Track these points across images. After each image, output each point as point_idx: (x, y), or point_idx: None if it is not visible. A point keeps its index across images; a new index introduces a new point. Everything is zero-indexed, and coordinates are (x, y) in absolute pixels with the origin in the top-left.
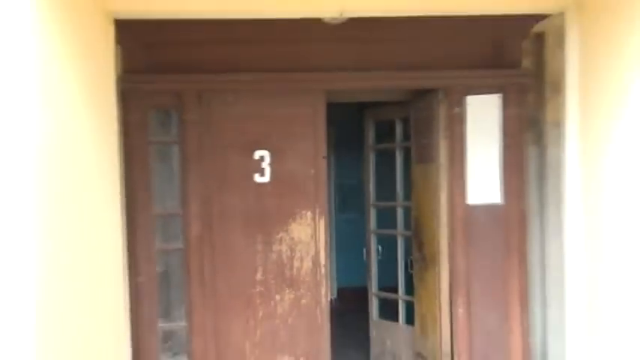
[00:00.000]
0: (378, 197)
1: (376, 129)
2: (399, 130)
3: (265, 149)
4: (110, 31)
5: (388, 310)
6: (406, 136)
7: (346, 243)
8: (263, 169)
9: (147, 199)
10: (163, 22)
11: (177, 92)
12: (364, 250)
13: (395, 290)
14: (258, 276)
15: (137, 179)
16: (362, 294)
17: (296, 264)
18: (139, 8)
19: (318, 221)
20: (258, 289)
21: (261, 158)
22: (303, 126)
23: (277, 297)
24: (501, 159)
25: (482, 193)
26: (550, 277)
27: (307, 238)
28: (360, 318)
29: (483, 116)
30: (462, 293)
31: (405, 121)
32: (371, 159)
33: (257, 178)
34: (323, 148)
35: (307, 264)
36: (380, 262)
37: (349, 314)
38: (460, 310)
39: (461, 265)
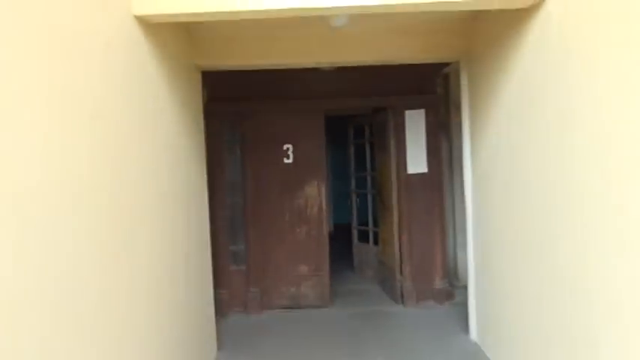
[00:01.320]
0: (356, 170)
1: (354, 131)
2: (367, 131)
3: (290, 143)
4: (198, 78)
5: (363, 237)
6: (372, 135)
7: (338, 197)
8: (288, 154)
9: (221, 173)
10: (230, 72)
11: (239, 112)
12: (348, 202)
13: (367, 224)
14: (287, 217)
15: (216, 161)
16: (349, 228)
17: (308, 210)
18: (213, 64)
19: (321, 186)
20: (286, 225)
21: (287, 148)
22: (311, 129)
23: (297, 229)
24: (426, 146)
25: (416, 166)
26: (458, 216)
27: (314, 195)
28: (347, 242)
29: (415, 122)
30: (405, 226)
31: (371, 126)
32: (351, 149)
33: (285, 160)
34: (323, 143)
35: (315, 210)
36: (358, 209)
37: (341, 240)
38: (404, 237)
39: (404, 210)
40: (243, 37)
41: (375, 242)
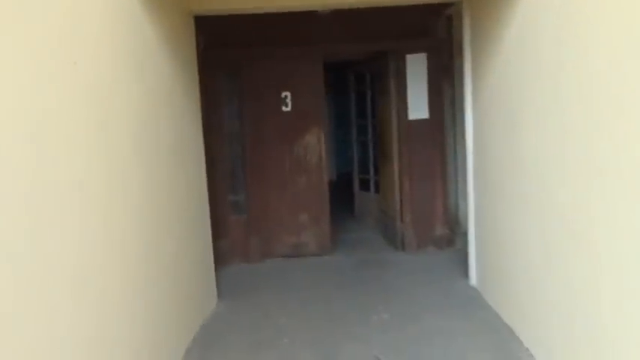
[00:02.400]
0: (357, 118)
1: (355, 79)
2: (368, 78)
3: (288, 91)
4: (191, 24)
5: (364, 185)
6: (372, 82)
7: (342, 146)
8: (287, 102)
9: (220, 123)
10: (227, 16)
11: (237, 59)
12: (350, 150)
13: (368, 173)
14: (287, 166)
15: (214, 111)
16: (352, 176)
17: (308, 158)
18: (207, 8)
19: (320, 134)
20: (286, 174)
21: (286, 96)
22: (309, 76)
23: (297, 178)
24: (427, 91)
25: (417, 112)
26: (460, 163)
27: (314, 143)
28: (350, 191)
29: (416, 67)
30: (406, 174)
31: (372, 73)
32: (352, 97)
33: (283, 108)
34: (322, 90)
35: (314, 158)
36: (360, 158)
37: (344, 189)
38: (406, 184)
39: (405, 157)
40: None
41: (377, 190)
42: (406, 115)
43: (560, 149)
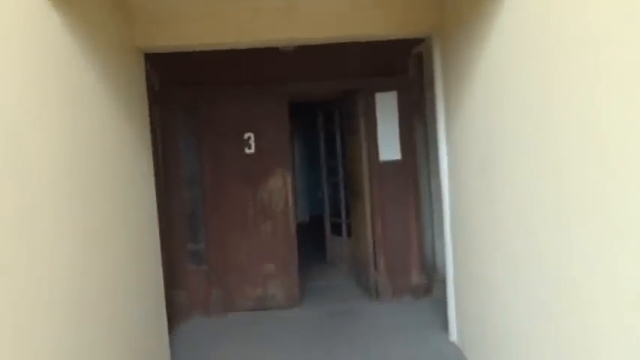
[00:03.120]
0: (327, 159)
1: (323, 118)
2: (337, 117)
3: (251, 132)
4: (141, 61)
5: (336, 229)
6: (342, 121)
7: (314, 187)
8: (250, 144)
9: (177, 165)
10: (184, 54)
11: (194, 98)
12: (319, 193)
13: (340, 216)
14: (250, 212)
15: (171, 153)
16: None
17: (273, 204)
18: (156, 45)
19: (286, 177)
20: (250, 221)
21: (249, 138)
22: (274, 116)
23: (262, 225)
24: (399, 130)
25: (389, 153)
26: (436, 205)
27: (280, 186)
28: (322, 232)
29: (386, 105)
30: (378, 217)
31: (341, 111)
32: (321, 136)
33: (246, 150)
34: (287, 130)
35: (280, 203)
36: (331, 200)
37: (316, 232)
38: (378, 228)
39: (377, 199)
40: (190, 14)
41: (349, 234)
42: (377, 155)
43: (536, 191)
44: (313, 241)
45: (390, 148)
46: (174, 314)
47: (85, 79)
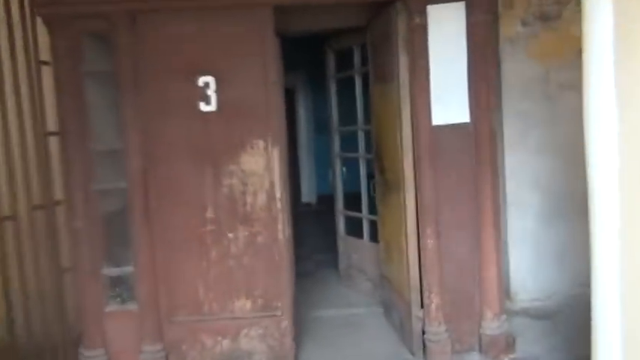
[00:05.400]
0: (344, 123)
1: (337, 60)
2: (357, 56)
3: (210, 74)
4: None
5: (354, 227)
6: (365, 62)
7: (324, 158)
8: (208, 96)
9: (82, 134)
10: None
11: (107, 14)
12: (329, 172)
13: (360, 208)
14: (209, 213)
15: (70, 112)
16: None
17: (249, 199)
18: None
19: (272, 151)
20: (209, 228)
21: (206, 85)
22: (250, 47)
23: (230, 235)
24: (469, 72)
25: (449, 112)
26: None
27: (260, 169)
28: (333, 217)
29: (447, 26)
30: (431, 223)
31: (363, 47)
32: (332, 88)
33: (202, 106)
34: (273, 72)
35: (261, 198)
36: (346, 184)
37: (326, 214)
38: (429, 242)
39: (428, 193)
40: None
41: (374, 238)
42: (428, 117)
43: None
44: (322, 235)
45: (450, 104)
46: None
47: None
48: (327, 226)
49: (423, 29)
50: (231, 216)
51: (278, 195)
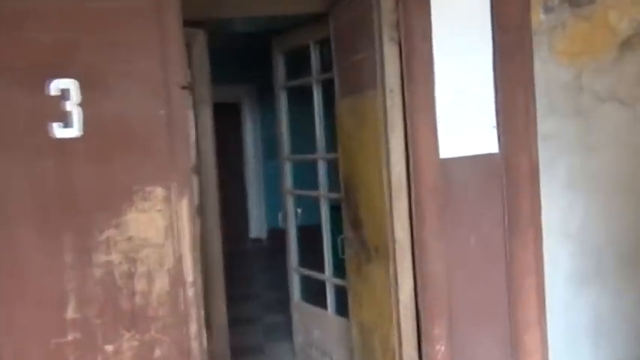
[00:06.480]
0: (299, 148)
1: (289, 63)
2: (315, 56)
3: (70, 76)
4: None
5: (314, 292)
6: (327, 65)
7: (276, 186)
8: (68, 113)
9: None
10: None
11: None
12: (279, 214)
13: (322, 267)
14: (71, 313)
15: None
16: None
17: (140, 286)
18: None
19: (178, 203)
20: (71, 337)
21: (64, 94)
22: (140, 31)
23: (109, 348)
24: (495, 74)
25: (465, 138)
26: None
27: (159, 235)
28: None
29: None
30: (439, 317)
31: (324, 44)
32: (282, 101)
33: (57, 130)
34: (180, 71)
35: (161, 284)
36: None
37: (280, 252)
38: (438, 348)
39: (435, 266)
40: None
41: (342, 310)
42: (434, 145)
43: None
44: (275, 282)
45: (467, 125)
46: None
47: None
48: (281, 270)
49: (423, 4)
50: (110, 316)
51: (189, 278)
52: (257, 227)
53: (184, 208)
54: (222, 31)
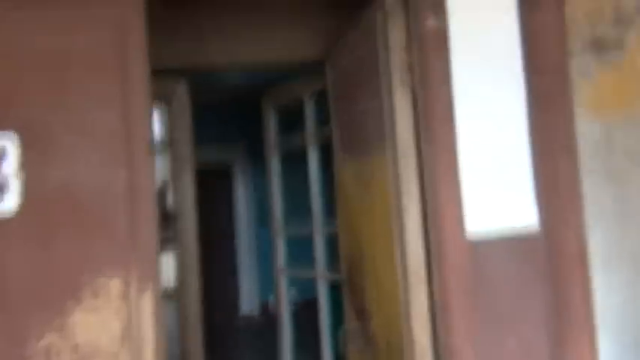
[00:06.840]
0: (294, 218)
1: (282, 120)
2: (309, 111)
3: (8, 128)
4: None
5: None
6: (324, 120)
7: (270, 257)
8: (2, 177)
9: None
10: None
11: None
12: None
13: None
14: None
15: None
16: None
17: None
18: None
19: (139, 298)
20: None
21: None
22: (97, 78)
23: None
24: (531, 125)
25: (498, 210)
26: None
27: (114, 342)
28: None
29: (485, 32)
30: None
31: (321, 96)
32: (274, 163)
33: None
34: (146, 127)
35: None
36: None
37: (273, 332)
38: None
39: None
40: None
41: None
42: (459, 220)
43: None
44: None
45: (501, 192)
46: None
47: None
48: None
49: (440, 38)
50: None
51: None
52: (249, 302)
53: (147, 306)
54: (207, 83)
